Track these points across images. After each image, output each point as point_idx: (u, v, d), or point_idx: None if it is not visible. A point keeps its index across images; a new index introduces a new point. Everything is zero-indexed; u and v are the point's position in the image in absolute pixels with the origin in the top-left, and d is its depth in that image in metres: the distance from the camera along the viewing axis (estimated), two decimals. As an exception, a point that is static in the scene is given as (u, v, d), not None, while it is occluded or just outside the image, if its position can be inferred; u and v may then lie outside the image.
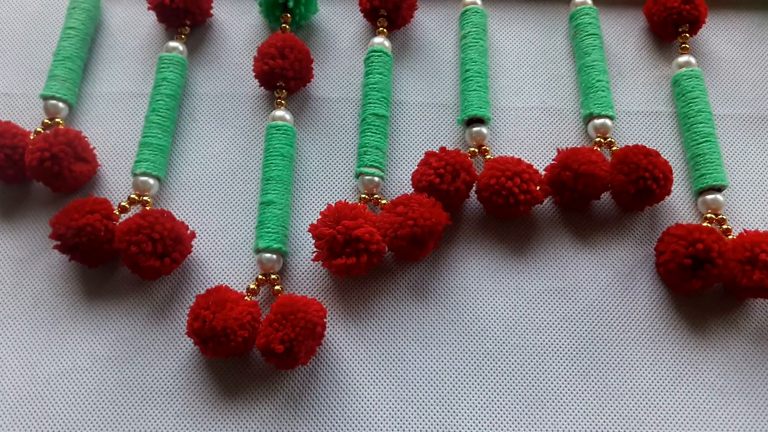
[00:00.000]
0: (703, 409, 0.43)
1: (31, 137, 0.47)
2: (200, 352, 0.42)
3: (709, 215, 0.47)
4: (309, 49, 0.50)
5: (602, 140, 0.49)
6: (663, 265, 0.44)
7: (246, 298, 0.43)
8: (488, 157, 0.48)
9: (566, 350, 0.44)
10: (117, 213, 0.46)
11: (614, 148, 0.48)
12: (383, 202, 0.46)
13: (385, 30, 0.52)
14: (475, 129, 0.49)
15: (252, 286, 0.44)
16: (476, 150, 0.49)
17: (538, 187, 0.45)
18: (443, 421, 0.42)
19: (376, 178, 0.47)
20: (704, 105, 0.49)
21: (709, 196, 0.47)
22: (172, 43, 0.51)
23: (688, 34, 0.52)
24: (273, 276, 0.44)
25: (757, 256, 0.42)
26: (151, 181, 0.47)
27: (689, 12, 0.51)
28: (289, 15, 0.51)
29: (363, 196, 0.47)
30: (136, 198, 0.47)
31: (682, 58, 0.51)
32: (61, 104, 0.49)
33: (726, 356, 0.44)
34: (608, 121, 0.49)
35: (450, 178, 0.45)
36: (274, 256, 0.44)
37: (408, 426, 0.42)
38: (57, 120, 0.49)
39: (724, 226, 0.46)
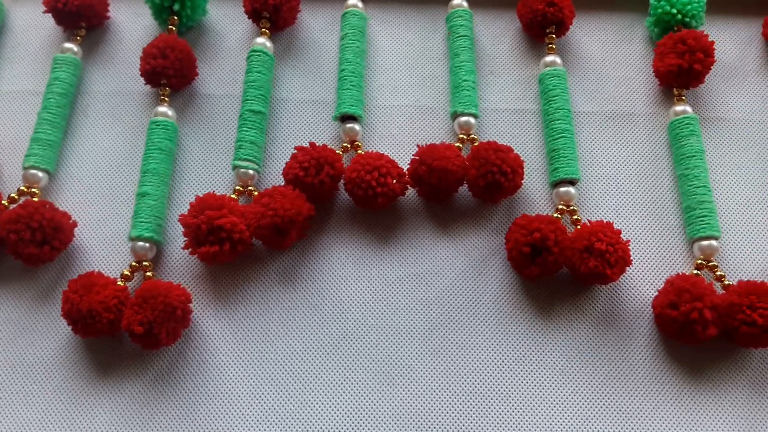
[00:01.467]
0: (544, 387, 0.46)
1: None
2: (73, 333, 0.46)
3: (560, 207, 0.50)
4: (191, 49, 0.53)
5: (465, 137, 0.52)
6: (509, 252, 0.47)
7: (119, 283, 0.47)
8: (359, 152, 0.51)
9: (419, 331, 0.47)
10: (6, 204, 0.49)
11: (476, 144, 0.51)
12: (255, 194, 0.50)
13: (267, 31, 0.55)
14: (348, 125, 0.52)
15: (126, 273, 0.47)
16: (348, 145, 0.52)
17: (394, 181, 0.48)
18: (300, 398, 0.45)
19: (251, 171, 0.50)
20: (563, 102, 0.52)
21: (562, 189, 0.50)
22: (67, 45, 0.54)
23: (554, 35, 0.55)
24: (145, 263, 0.48)
25: (593, 244, 0.46)
26: (40, 174, 0.50)
27: (553, 14, 0.53)
28: (175, 17, 0.54)
29: (238, 188, 0.50)
30: (25, 190, 0.50)
31: (548, 58, 0.54)
32: (-40, 102, 0.52)
33: (569, 338, 0.47)
34: (471, 119, 0.52)
35: (314, 171, 0.48)
36: (147, 245, 0.48)
37: (266, 402, 0.45)
38: (-44, 117, 0.52)
39: (575, 217, 0.49)
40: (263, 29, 0.55)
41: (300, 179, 0.48)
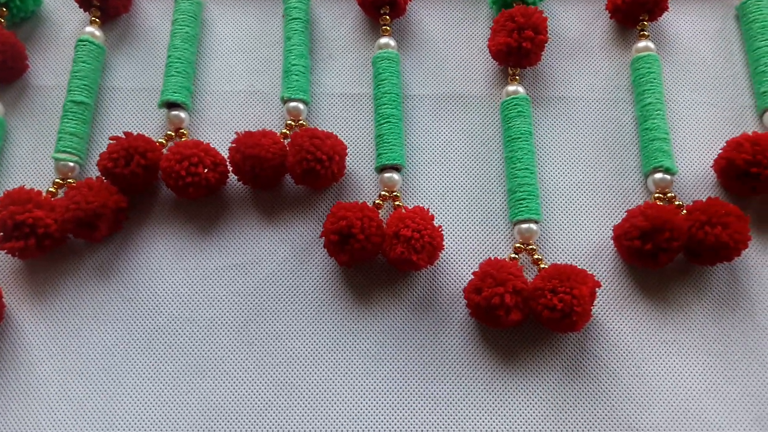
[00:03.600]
0: (356, 375, 0.45)
1: None
2: None
3: (384, 193, 0.49)
4: (18, 41, 0.52)
5: (293, 123, 0.51)
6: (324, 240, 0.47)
7: (-64, 280, 0.47)
8: (184, 139, 0.51)
9: (233, 323, 0.47)
10: None
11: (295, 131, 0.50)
12: (76, 186, 0.49)
13: (97, 20, 0.54)
14: (172, 113, 0.51)
15: (-58, 269, 0.47)
16: (173, 133, 0.51)
17: (206, 170, 0.47)
18: (109, 392, 0.45)
19: (71, 163, 0.50)
20: (392, 87, 0.51)
21: (386, 175, 0.49)
22: None
23: (388, 17, 0.53)
24: (-40, 259, 0.48)
25: (400, 230, 0.45)
26: None
27: (384, -6, 0.52)
28: (5, 9, 0.53)
29: (57, 180, 0.50)
30: None
31: (382, 40, 0.53)
32: None
33: (385, 325, 0.47)
34: (300, 105, 0.51)
35: (123, 162, 0.47)
36: (-39, 240, 0.47)
37: (75, 397, 0.45)
38: None
39: (396, 203, 0.49)
40: (93, 18, 0.54)
41: (110, 170, 0.47)
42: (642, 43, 0.52)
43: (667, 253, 0.44)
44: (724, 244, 0.44)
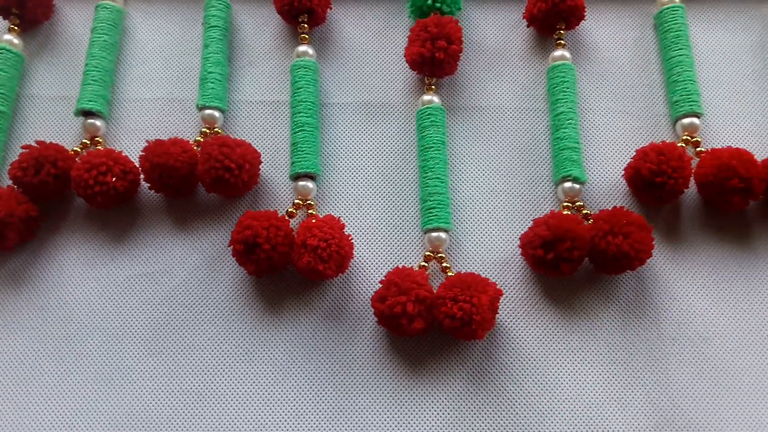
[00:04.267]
0: (263, 385, 0.46)
1: None
2: None
3: (297, 201, 0.49)
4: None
5: (208, 131, 0.51)
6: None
7: None
8: (99, 148, 0.51)
9: (144, 331, 0.47)
10: None
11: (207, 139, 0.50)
12: (-10, 195, 0.49)
13: (16, 27, 0.54)
14: (88, 121, 0.51)
15: None
16: (88, 142, 0.51)
17: (114, 179, 0.47)
18: (16, 401, 0.45)
19: (-15, 172, 0.50)
20: (308, 95, 0.51)
21: (300, 183, 0.49)
22: None
23: (306, 25, 0.53)
24: None
25: (307, 240, 0.45)
26: None
27: (301, 2, 0.52)
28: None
29: (-30, 189, 0.49)
30: None
31: (300, 48, 0.53)
32: None
33: (295, 334, 0.47)
34: (215, 113, 0.51)
35: (33, 171, 0.47)
36: None
37: (-19, 405, 0.45)
38: None
39: (310, 211, 0.49)
40: (12, 26, 0.54)
41: (20, 179, 0.47)
42: (558, 52, 0.53)
43: (569, 262, 0.45)
44: (625, 253, 0.44)
